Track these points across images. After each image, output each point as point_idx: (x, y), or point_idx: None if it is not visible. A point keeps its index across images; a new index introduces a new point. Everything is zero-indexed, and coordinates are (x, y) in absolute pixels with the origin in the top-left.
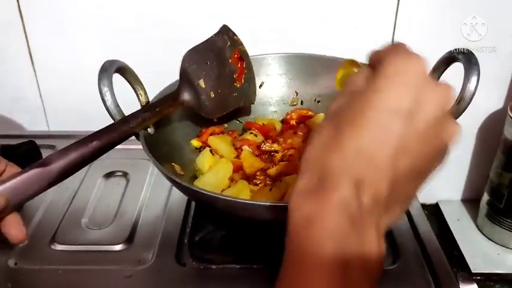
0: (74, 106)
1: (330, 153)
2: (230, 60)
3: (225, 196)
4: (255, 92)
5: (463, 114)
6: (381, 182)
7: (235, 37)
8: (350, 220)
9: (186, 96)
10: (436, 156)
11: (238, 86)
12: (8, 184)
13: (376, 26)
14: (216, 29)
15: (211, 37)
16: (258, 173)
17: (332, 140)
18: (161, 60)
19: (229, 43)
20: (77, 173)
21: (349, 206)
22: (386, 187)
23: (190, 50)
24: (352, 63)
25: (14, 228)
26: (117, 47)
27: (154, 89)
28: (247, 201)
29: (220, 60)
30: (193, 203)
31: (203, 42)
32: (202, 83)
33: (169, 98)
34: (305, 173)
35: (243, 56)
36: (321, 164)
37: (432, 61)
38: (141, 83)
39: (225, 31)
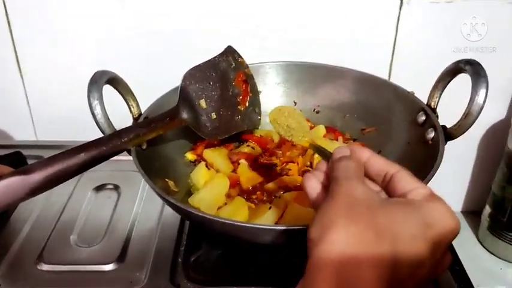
0: (63, 115)
1: (372, 256)
2: (234, 83)
3: (221, 218)
4: (260, 117)
5: None
6: None
7: (240, 59)
8: None
9: (184, 115)
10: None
11: (242, 109)
12: None
13: (376, 34)
14: (212, 42)
15: (214, 57)
16: (255, 188)
17: (373, 242)
18: (154, 71)
19: (233, 65)
20: (65, 185)
21: None
22: None
23: (192, 68)
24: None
25: None
26: (109, 56)
27: (147, 101)
28: (245, 224)
29: (224, 81)
30: None
31: (206, 61)
32: (203, 103)
33: (166, 115)
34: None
35: (248, 79)
36: (359, 262)
37: (435, 63)
38: (133, 95)
39: (230, 52)
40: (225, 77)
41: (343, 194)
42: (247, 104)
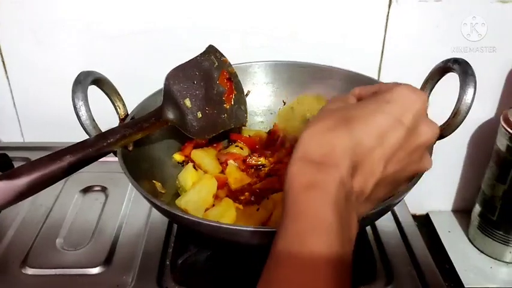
0: (50, 117)
1: (337, 134)
2: (218, 81)
3: (208, 221)
4: (247, 114)
5: None
6: (371, 177)
7: (223, 58)
8: (345, 197)
9: (170, 115)
10: (410, 175)
11: (228, 107)
12: None
13: (365, 34)
14: (200, 41)
15: (196, 57)
16: (243, 189)
17: (340, 125)
18: (141, 72)
19: (216, 63)
20: (51, 188)
21: (345, 185)
22: (372, 182)
23: (174, 68)
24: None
25: None
26: (95, 57)
27: (134, 102)
28: (231, 227)
29: (207, 80)
30: None
31: (188, 61)
32: (188, 102)
33: (152, 115)
34: (307, 146)
35: (232, 77)
36: (326, 141)
37: (424, 63)
38: (120, 95)
39: (212, 51)
40: (208, 75)
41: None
42: (232, 102)
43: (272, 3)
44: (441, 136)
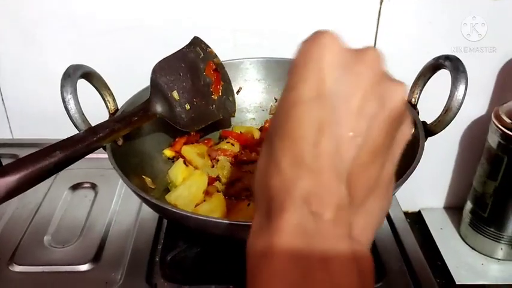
0: (39, 112)
1: (269, 175)
2: (205, 72)
3: (197, 215)
4: (235, 104)
5: None
6: (333, 183)
7: (208, 49)
8: (307, 239)
9: (158, 108)
10: (392, 125)
11: (216, 98)
12: None
13: (356, 30)
14: (190, 37)
15: (181, 49)
16: (234, 185)
17: (268, 159)
18: (130, 67)
19: (202, 55)
20: (40, 185)
21: (303, 225)
22: (342, 184)
23: (160, 61)
24: None
25: None
26: (84, 52)
27: (124, 97)
28: (221, 221)
29: (194, 72)
30: None
31: (173, 53)
32: (175, 94)
33: (140, 108)
34: (256, 204)
35: (218, 68)
36: (264, 190)
37: (415, 60)
38: (109, 90)
39: (197, 43)
40: (194, 67)
41: None
42: (220, 93)
43: (262, 0)
44: (433, 132)
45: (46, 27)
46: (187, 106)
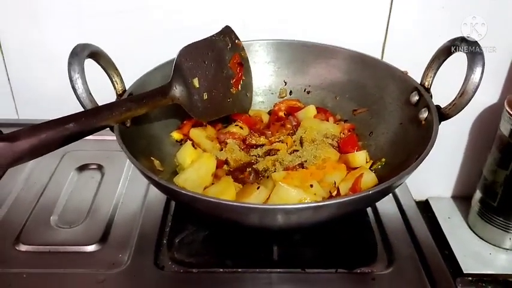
0: (46, 93)
1: None
2: (229, 64)
3: (207, 197)
4: (251, 101)
5: None
6: None
7: (237, 41)
8: None
9: (177, 92)
10: None
11: (234, 92)
12: None
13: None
14: (198, 19)
15: (212, 36)
16: (243, 168)
17: None
18: (137, 49)
19: (230, 45)
20: (47, 165)
21: None
22: None
23: (188, 45)
24: None
25: None
26: (92, 33)
27: (132, 78)
28: (231, 203)
29: (219, 62)
30: None
31: (203, 39)
32: (196, 82)
33: (158, 91)
34: None
35: (243, 62)
36: None
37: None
38: (117, 70)
39: (228, 32)
40: (220, 57)
41: None
42: (239, 88)
43: None
44: (447, 116)
45: (52, 9)
46: (205, 95)
